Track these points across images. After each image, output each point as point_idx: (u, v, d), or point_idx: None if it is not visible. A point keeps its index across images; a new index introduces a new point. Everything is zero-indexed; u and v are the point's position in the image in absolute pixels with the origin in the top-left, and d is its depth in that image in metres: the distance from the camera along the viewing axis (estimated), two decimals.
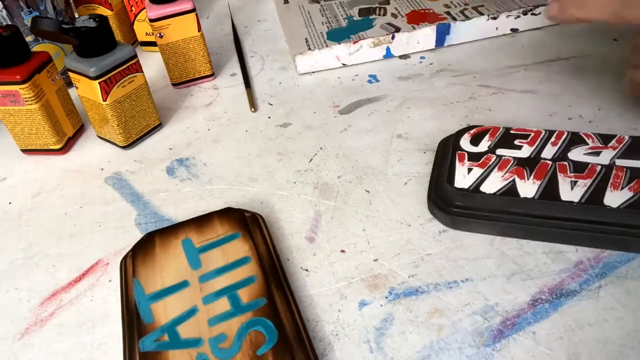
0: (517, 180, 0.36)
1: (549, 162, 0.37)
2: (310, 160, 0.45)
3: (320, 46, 0.56)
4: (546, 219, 0.34)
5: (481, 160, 0.38)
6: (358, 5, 0.64)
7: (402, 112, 0.49)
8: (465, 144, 0.40)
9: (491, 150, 0.39)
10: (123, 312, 0.33)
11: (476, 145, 0.40)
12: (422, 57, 0.57)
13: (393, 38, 0.57)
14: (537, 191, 0.35)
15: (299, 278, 0.36)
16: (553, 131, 0.40)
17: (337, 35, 0.58)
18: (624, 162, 0.36)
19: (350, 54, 0.57)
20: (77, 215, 0.43)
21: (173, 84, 0.58)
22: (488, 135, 0.40)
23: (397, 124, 0.48)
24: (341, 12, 0.64)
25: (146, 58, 0.63)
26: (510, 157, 0.38)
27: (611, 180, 0.35)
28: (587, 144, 0.38)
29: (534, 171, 0.36)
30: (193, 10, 0.53)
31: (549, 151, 0.38)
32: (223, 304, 0.32)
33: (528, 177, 0.36)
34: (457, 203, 0.36)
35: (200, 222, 0.37)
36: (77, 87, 0.48)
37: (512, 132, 0.40)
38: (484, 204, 0.36)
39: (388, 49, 0.57)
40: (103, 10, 0.62)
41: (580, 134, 0.39)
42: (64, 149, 0.50)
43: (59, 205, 0.44)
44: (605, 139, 0.38)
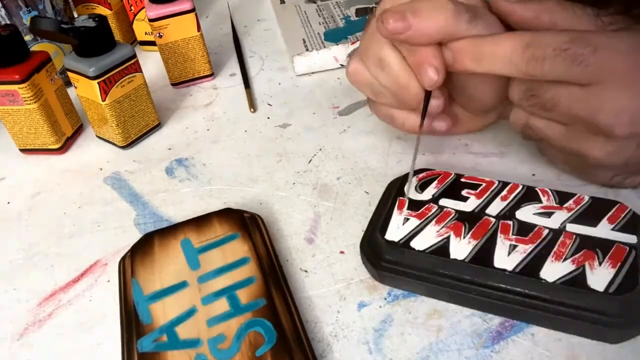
0: (452, 237, 0.33)
1: (493, 219, 0.34)
2: (310, 161, 0.45)
3: (318, 47, 0.57)
4: (475, 285, 0.31)
5: (421, 210, 0.35)
6: (355, 5, 0.64)
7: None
8: (411, 190, 0.37)
9: (435, 199, 0.36)
10: (121, 313, 0.33)
11: (421, 191, 0.37)
12: None
13: None
14: (469, 253, 0.32)
15: (298, 279, 0.36)
16: (507, 183, 0.36)
17: (335, 36, 0.58)
18: (575, 228, 0.32)
19: (348, 54, 0.57)
20: (76, 215, 0.43)
21: (172, 84, 0.58)
22: (436, 182, 0.37)
23: None
24: (338, 12, 0.64)
25: (145, 58, 0.63)
26: (452, 209, 0.35)
27: (555, 249, 0.31)
28: (540, 201, 0.35)
29: (473, 229, 0.33)
30: (192, 10, 0.53)
31: (496, 206, 0.35)
32: (222, 305, 0.32)
33: (464, 236, 0.33)
34: (386, 257, 0.33)
35: (200, 222, 0.37)
36: (76, 87, 0.47)
37: (463, 180, 0.37)
38: (413, 261, 0.33)
39: None
40: (102, 10, 0.62)
41: (536, 189, 0.35)
42: (63, 148, 0.50)
43: (57, 205, 0.44)
44: (562, 197, 0.35)
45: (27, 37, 0.54)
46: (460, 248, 0.32)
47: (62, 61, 0.56)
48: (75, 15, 0.64)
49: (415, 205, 0.36)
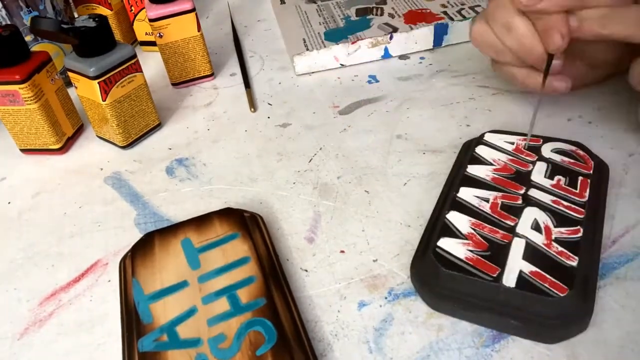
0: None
1: (522, 190, 0.36)
2: (310, 160, 0.45)
3: (318, 47, 0.57)
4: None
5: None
6: (355, 5, 0.64)
7: (402, 113, 0.49)
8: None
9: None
10: (122, 312, 0.33)
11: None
12: (421, 58, 0.57)
13: (391, 38, 0.57)
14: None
15: (298, 278, 0.36)
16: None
17: (335, 36, 0.58)
18: (518, 246, 0.32)
19: (348, 54, 0.57)
20: (76, 215, 0.43)
21: (173, 84, 0.58)
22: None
23: (396, 125, 0.48)
24: (338, 12, 0.64)
25: (146, 58, 0.63)
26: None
27: (485, 224, 0.33)
28: (555, 225, 0.34)
29: (507, 179, 0.37)
30: (193, 10, 0.53)
31: (539, 194, 0.36)
32: (222, 304, 0.32)
33: (498, 174, 0.37)
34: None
35: (200, 222, 0.37)
36: (76, 87, 0.48)
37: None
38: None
39: (386, 49, 0.57)
40: (102, 10, 0.62)
41: (579, 226, 0.34)
42: (64, 148, 0.50)
43: (58, 205, 0.44)
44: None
45: (28, 38, 0.54)
46: (482, 171, 0.38)
47: (62, 61, 0.56)
48: (76, 15, 0.64)
49: (535, 150, 0.40)
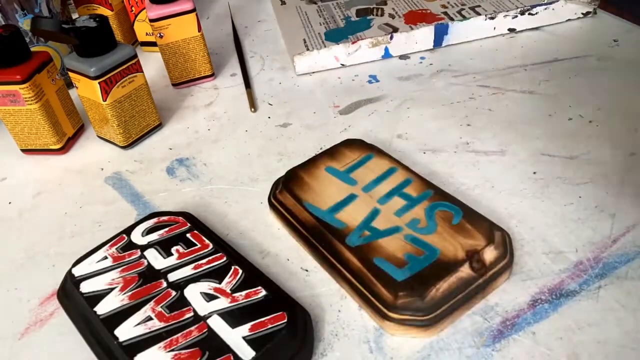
0: (116, 290, 0.33)
1: (165, 284, 0.33)
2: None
3: (319, 47, 0.57)
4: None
5: (126, 252, 0.36)
6: (355, 6, 0.64)
7: (402, 112, 0.49)
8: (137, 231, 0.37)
9: (146, 246, 0.36)
10: (305, 228, 0.37)
11: (146, 235, 0.37)
12: (422, 58, 0.57)
13: (391, 38, 0.57)
14: (112, 310, 0.32)
15: (299, 278, 0.36)
16: (218, 251, 0.35)
17: (335, 36, 0.58)
18: (215, 323, 0.30)
19: (348, 54, 0.57)
20: (77, 215, 0.43)
21: (173, 84, 0.58)
22: (165, 230, 0.37)
23: (397, 124, 0.48)
24: (338, 12, 0.64)
25: (146, 58, 0.63)
26: (146, 262, 0.35)
27: (175, 337, 0.30)
28: (220, 282, 0.33)
29: (140, 288, 0.33)
30: (193, 11, 0.53)
31: (182, 273, 0.34)
32: (397, 202, 0.37)
33: (127, 292, 0.33)
34: (65, 287, 0.34)
35: (331, 154, 0.41)
36: (77, 87, 0.48)
37: (189, 235, 0.36)
38: (75, 301, 0.34)
39: (386, 49, 0.57)
40: (103, 11, 0.62)
41: (233, 266, 0.34)
42: (64, 149, 0.50)
43: (59, 205, 0.44)
44: (246, 284, 0.32)
45: None
46: (111, 302, 0.32)
47: (58, 64, 0.56)
48: (74, 17, 0.64)
49: (129, 246, 0.36)
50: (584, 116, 0.46)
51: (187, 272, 0.34)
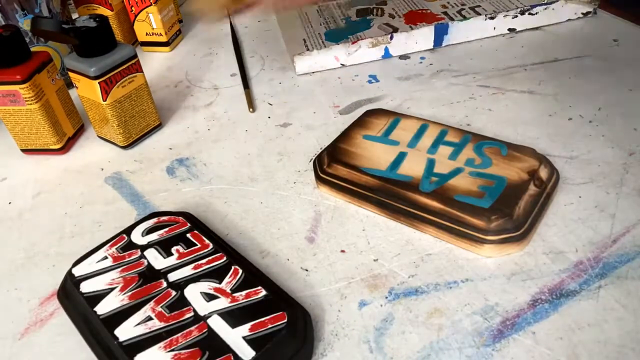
0: (116, 290, 0.33)
1: (165, 284, 0.33)
2: (311, 160, 0.45)
3: (319, 47, 0.57)
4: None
5: (125, 252, 0.36)
6: (355, 6, 0.64)
7: (403, 112, 0.49)
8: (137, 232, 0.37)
9: (146, 246, 0.36)
10: (370, 190, 0.39)
11: (146, 235, 0.37)
12: (422, 58, 0.57)
13: (391, 38, 0.57)
14: (112, 310, 0.32)
15: (298, 278, 0.36)
16: (218, 251, 0.35)
17: (335, 36, 0.58)
18: (215, 322, 0.30)
19: (349, 54, 0.57)
20: (77, 215, 0.43)
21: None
22: (165, 230, 0.37)
23: None
24: (338, 12, 0.64)
25: (146, 58, 0.63)
26: (146, 262, 0.35)
27: (176, 337, 0.30)
28: (220, 282, 0.33)
29: (139, 288, 0.33)
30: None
31: (182, 273, 0.34)
32: (445, 149, 0.40)
33: (127, 292, 0.33)
34: (65, 287, 0.35)
35: (360, 124, 0.44)
36: (77, 87, 0.48)
37: (190, 235, 0.36)
38: (76, 300, 0.33)
39: (386, 49, 0.57)
40: (103, 11, 0.62)
41: (233, 266, 0.34)
42: (64, 149, 0.50)
43: (59, 205, 0.44)
44: (245, 284, 0.32)
45: None
46: (111, 302, 0.32)
47: (57, 64, 0.56)
48: (74, 17, 0.64)
49: (129, 246, 0.36)
50: (584, 116, 0.46)
51: (187, 272, 0.34)
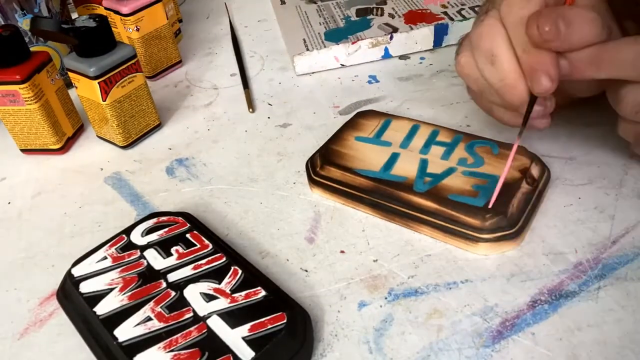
0: (115, 290, 0.33)
1: (164, 284, 0.33)
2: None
3: (319, 47, 0.57)
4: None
5: (125, 253, 0.36)
6: (355, 6, 0.64)
7: (402, 113, 0.49)
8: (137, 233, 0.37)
9: (146, 247, 0.36)
10: (363, 192, 0.39)
11: (145, 235, 0.37)
12: (422, 58, 0.57)
13: (391, 38, 0.57)
14: (111, 310, 0.32)
15: (298, 279, 0.36)
16: (217, 252, 0.35)
17: (335, 36, 0.58)
18: (215, 323, 0.30)
19: (348, 54, 0.57)
20: (76, 215, 0.43)
21: (149, 77, 0.60)
22: (165, 230, 0.37)
23: None
24: (338, 12, 0.64)
25: None
26: (145, 262, 0.35)
27: (175, 337, 0.30)
28: (220, 282, 0.33)
29: (139, 289, 0.33)
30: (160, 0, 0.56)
31: (181, 273, 0.34)
32: (437, 149, 0.40)
33: (126, 292, 0.33)
34: (65, 288, 0.35)
35: (352, 126, 0.44)
36: (76, 87, 0.47)
37: (189, 235, 0.36)
38: (76, 302, 0.33)
39: (386, 50, 0.57)
40: (103, 10, 0.62)
41: (233, 267, 0.34)
42: (64, 148, 0.50)
43: (58, 205, 0.44)
44: (244, 285, 0.32)
45: None
46: (110, 303, 0.32)
47: (57, 64, 0.56)
48: (73, 17, 0.64)
49: (129, 246, 0.36)
50: (584, 116, 0.46)
51: (186, 272, 0.34)
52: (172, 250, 0.35)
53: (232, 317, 0.31)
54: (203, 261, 0.34)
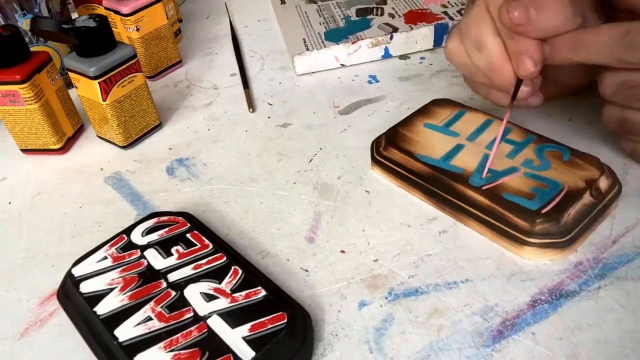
0: (116, 290, 0.33)
1: (164, 284, 0.33)
2: (310, 160, 0.45)
3: (319, 47, 0.57)
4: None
5: (125, 253, 0.36)
6: (355, 6, 0.64)
7: (402, 113, 0.49)
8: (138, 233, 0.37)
9: (146, 246, 0.36)
10: (420, 177, 0.39)
11: (146, 235, 0.37)
12: (422, 58, 0.57)
13: (391, 38, 0.57)
14: (111, 310, 0.32)
15: (298, 278, 0.36)
16: (217, 251, 0.35)
17: (335, 36, 0.58)
18: (215, 323, 0.30)
19: (348, 54, 0.57)
20: (76, 215, 0.43)
21: (149, 77, 0.60)
22: (165, 230, 0.37)
23: None
24: (338, 12, 0.64)
25: None
26: (146, 262, 0.35)
27: (175, 337, 0.30)
28: (220, 282, 0.33)
29: (139, 288, 0.33)
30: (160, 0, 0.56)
31: (181, 273, 0.34)
32: (505, 147, 0.39)
33: (127, 292, 0.33)
34: (65, 287, 0.35)
35: (424, 112, 0.44)
36: (76, 87, 0.48)
37: (189, 235, 0.36)
38: (75, 300, 0.33)
39: (386, 49, 0.57)
40: (103, 10, 0.62)
41: (233, 267, 0.34)
42: (64, 148, 0.50)
43: (58, 205, 0.44)
44: (244, 285, 0.32)
45: None
46: (111, 302, 0.32)
47: (57, 64, 0.56)
48: (74, 17, 0.64)
49: (129, 246, 0.36)
50: (585, 116, 0.46)
51: (187, 272, 0.34)
52: (173, 250, 0.35)
53: (233, 317, 0.31)
54: (203, 261, 0.34)
